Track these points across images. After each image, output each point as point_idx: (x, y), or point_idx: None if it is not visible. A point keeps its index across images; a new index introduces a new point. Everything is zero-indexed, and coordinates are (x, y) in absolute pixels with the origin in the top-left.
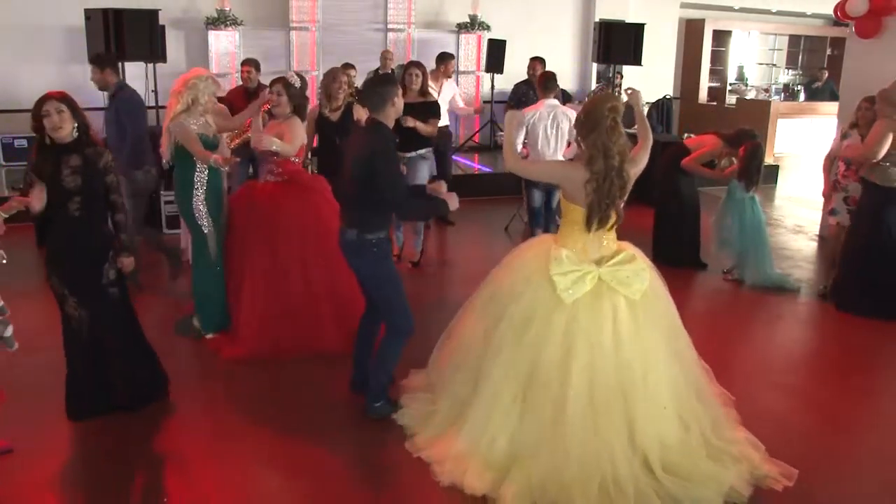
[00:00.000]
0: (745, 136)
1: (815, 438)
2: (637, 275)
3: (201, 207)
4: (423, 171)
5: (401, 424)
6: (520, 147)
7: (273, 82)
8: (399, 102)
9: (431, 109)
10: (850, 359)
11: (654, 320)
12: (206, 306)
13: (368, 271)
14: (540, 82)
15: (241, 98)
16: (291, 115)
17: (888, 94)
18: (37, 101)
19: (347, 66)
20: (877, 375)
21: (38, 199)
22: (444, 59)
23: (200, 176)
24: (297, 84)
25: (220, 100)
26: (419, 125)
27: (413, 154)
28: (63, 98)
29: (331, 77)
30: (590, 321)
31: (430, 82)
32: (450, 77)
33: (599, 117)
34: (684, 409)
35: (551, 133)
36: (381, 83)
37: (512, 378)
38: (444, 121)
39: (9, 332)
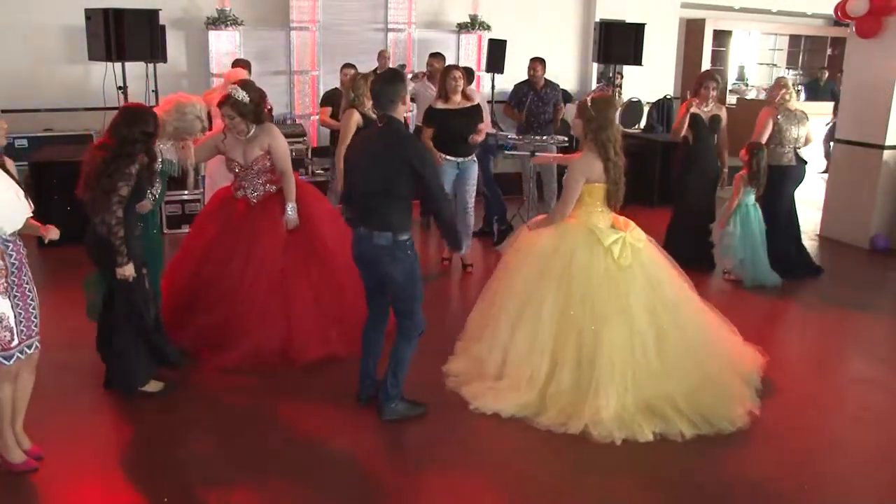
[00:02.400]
0: (703, 79)
1: (820, 433)
2: (640, 233)
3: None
4: (474, 176)
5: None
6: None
7: (220, 106)
8: (408, 98)
9: (478, 114)
10: (849, 354)
11: (662, 266)
12: None
13: (403, 274)
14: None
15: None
16: (263, 125)
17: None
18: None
19: (347, 66)
20: (880, 370)
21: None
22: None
23: (154, 191)
24: (244, 97)
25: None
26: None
27: (465, 159)
28: None
29: (363, 79)
30: (639, 274)
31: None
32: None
33: (610, 118)
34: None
35: None
36: (390, 80)
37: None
38: None
39: None
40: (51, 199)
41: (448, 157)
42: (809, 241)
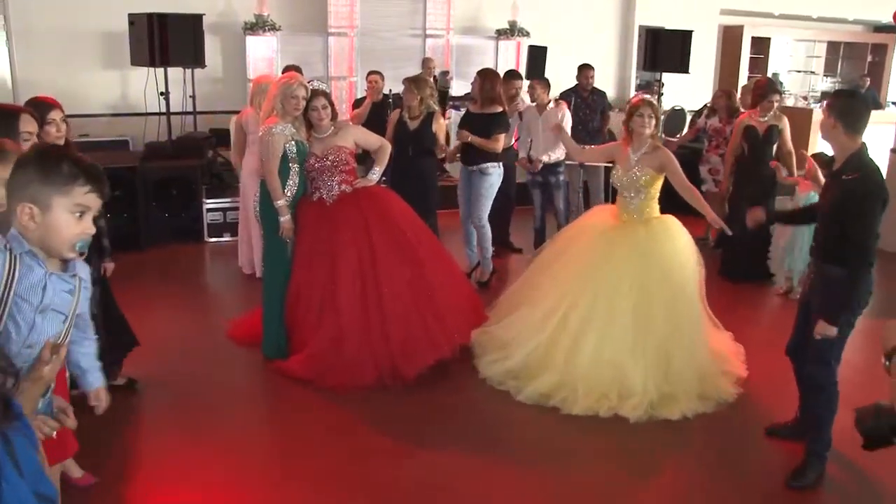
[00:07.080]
0: (765, 91)
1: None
2: None
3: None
4: (484, 189)
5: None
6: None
7: (314, 97)
8: None
9: (495, 121)
10: None
11: None
12: (268, 326)
13: None
14: None
15: None
16: (338, 122)
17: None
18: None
19: (372, 73)
20: None
21: None
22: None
23: (291, 185)
24: (327, 87)
25: None
26: (476, 140)
27: (470, 168)
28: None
29: (405, 87)
30: None
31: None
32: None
33: None
34: None
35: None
36: (862, 100)
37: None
38: None
39: None
40: None
41: (462, 163)
42: None
